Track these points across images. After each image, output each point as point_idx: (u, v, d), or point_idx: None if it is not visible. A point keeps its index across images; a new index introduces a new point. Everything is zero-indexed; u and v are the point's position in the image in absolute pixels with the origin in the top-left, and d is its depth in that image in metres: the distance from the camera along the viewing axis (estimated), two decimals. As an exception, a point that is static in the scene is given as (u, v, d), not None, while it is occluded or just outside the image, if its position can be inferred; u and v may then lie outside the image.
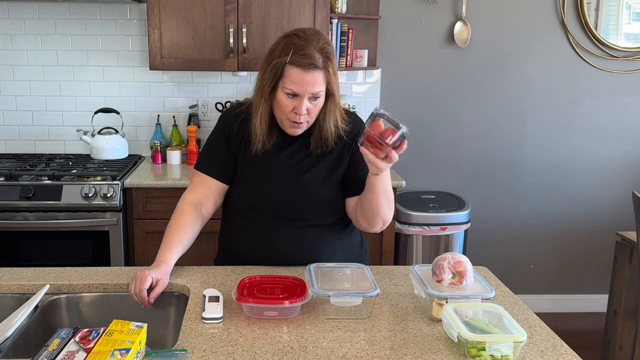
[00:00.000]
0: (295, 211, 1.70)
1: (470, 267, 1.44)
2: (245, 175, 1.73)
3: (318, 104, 1.63)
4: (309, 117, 1.63)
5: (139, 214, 2.84)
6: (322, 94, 1.62)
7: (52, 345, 1.14)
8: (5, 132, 3.34)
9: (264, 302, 1.39)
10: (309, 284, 1.43)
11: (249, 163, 1.72)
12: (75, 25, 3.24)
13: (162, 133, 3.31)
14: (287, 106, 1.61)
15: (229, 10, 2.95)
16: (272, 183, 1.70)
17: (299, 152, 1.72)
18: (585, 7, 3.36)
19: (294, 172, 1.71)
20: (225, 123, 1.77)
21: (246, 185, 1.73)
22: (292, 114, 1.62)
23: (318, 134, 1.70)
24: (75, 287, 1.58)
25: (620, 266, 2.72)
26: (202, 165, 1.76)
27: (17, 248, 2.77)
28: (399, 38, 3.39)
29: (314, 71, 1.57)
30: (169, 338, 1.56)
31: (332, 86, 1.63)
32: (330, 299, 1.38)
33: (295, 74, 1.58)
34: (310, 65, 1.56)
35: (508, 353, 1.21)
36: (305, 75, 1.57)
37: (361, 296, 1.40)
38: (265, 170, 1.71)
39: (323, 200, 1.71)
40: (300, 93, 1.59)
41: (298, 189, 1.70)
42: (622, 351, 2.71)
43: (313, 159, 1.72)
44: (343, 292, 1.42)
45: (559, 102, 3.51)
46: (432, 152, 3.53)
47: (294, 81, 1.58)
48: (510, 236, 3.64)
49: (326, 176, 1.72)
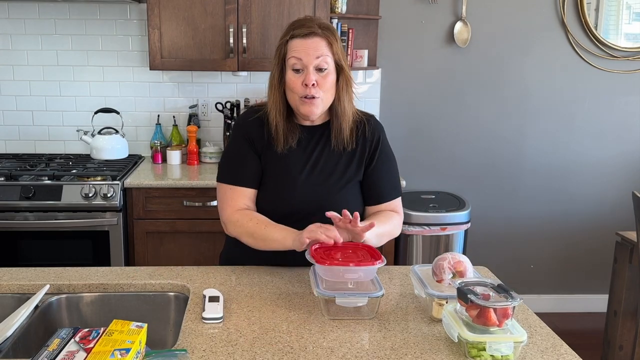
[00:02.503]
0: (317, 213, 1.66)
1: (470, 267, 1.44)
2: (270, 177, 1.71)
3: (327, 77, 1.62)
4: (321, 91, 1.62)
5: (139, 214, 2.84)
6: (328, 65, 1.62)
7: (52, 345, 1.14)
8: (5, 132, 3.35)
9: (344, 264, 1.42)
10: (314, 284, 1.43)
11: (274, 165, 1.71)
12: (75, 25, 3.24)
13: (162, 133, 3.31)
14: (295, 83, 1.61)
15: (229, 10, 2.95)
16: (297, 186, 1.69)
17: (322, 151, 1.71)
18: (585, 7, 3.36)
19: (317, 174, 1.70)
20: (244, 129, 1.74)
21: (271, 188, 1.71)
22: (302, 88, 1.61)
23: (335, 122, 1.69)
24: (75, 287, 1.58)
25: (620, 266, 2.72)
26: (233, 178, 1.71)
27: (17, 248, 2.77)
28: (399, 38, 3.39)
29: (313, 37, 1.60)
30: (169, 338, 1.56)
31: (339, 59, 1.63)
32: (335, 299, 1.38)
33: (296, 44, 1.61)
34: (309, 32, 1.60)
35: (508, 353, 1.21)
36: (305, 42, 1.60)
37: (366, 296, 1.39)
38: (289, 171, 1.70)
39: (345, 203, 1.68)
40: (304, 60, 1.59)
41: (322, 193, 1.69)
42: (622, 351, 2.71)
43: (335, 162, 1.71)
44: (348, 293, 1.41)
45: (559, 102, 3.51)
46: (432, 152, 3.53)
47: (295, 50, 1.60)
48: (510, 236, 3.64)
49: (348, 179, 1.72)
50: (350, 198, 1.73)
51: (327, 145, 1.72)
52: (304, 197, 1.68)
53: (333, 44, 1.62)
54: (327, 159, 1.71)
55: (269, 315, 1.41)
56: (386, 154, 1.77)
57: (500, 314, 1.21)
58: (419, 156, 3.52)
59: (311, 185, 1.69)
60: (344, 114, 1.68)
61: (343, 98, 1.67)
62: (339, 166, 1.72)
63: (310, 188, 1.69)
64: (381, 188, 1.75)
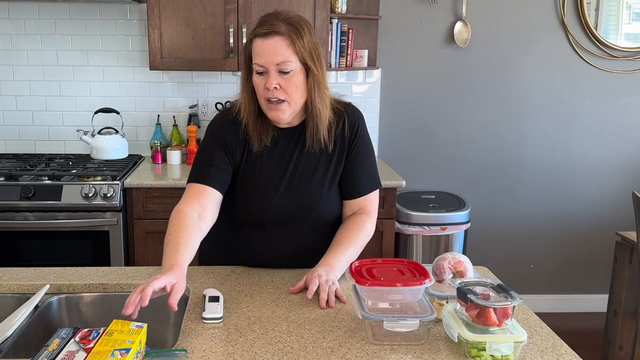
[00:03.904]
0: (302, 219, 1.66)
1: (470, 267, 1.44)
2: (248, 181, 1.65)
3: (292, 78, 1.52)
4: (286, 94, 1.53)
5: (139, 214, 2.84)
6: (291, 66, 1.51)
7: (52, 345, 1.14)
8: (5, 132, 3.35)
9: (387, 285, 1.30)
10: (357, 306, 1.31)
11: (251, 167, 1.64)
12: (75, 25, 3.24)
13: (162, 133, 3.31)
14: (259, 85, 1.53)
15: (229, 10, 2.95)
16: (277, 191, 1.63)
17: (302, 153, 1.64)
18: (585, 7, 3.36)
19: (298, 178, 1.64)
20: (217, 131, 1.67)
21: (249, 194, 1.65)
22: (265, 91, 1.53)
23: (311, 122, 1.61)
24: (75, 287, 1.58)
25: (620, 266, 2.72)
26: (195, 177, 1.62)
27: (17, 248, 2.77)
28: (399, 38, 3.39)
29: (273, 37, 1.49)
30: (169, 338, 1.56)
31: (304, 58, 1.52)
32: (383, 322, 1.26)
33: (257, 45, 1.52)
34: (270, 31, 1.49)
35: (508, 353, 1.21)
36: (265, 43, 1.50)
37: (417, 319, 1.27)
38: (268, 175, 1.64)
39: (327, 205, 1.68)
40: (264, 64, 1.50)
41: (304, 199, 1.64)
42: (622, 351, 2.71)
43: (316, 164, 1.65)
44: (398, 316, 1.28)
45: (559, 102, 3.51)
46: (432, 152, 3.53)
47: (256, 53, 1.52)
48: (510, 236, 3.64)
49: (330, 182, 1.67)
50: (332, 201, 1.69)
51: (306, 146, 1.64)
52: (283, 203, 1.63)
53: (296, 43, 1.50)
54: (307, 161, 1.65)
55: (269, 315, 1.41)
56: (365, 145, 1.69)
57: (500, 314, 1.21)
58: (419, 156, 3.52)
59: (292, 190, 1.64)
60: (318, 114, 1.58)
61: (314, 98, 1.56)
62: (320, 168, 1.65)
63: (290, 193, 1.64)
64: (358, 182, 1.69)
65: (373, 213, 1.73)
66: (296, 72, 1.53)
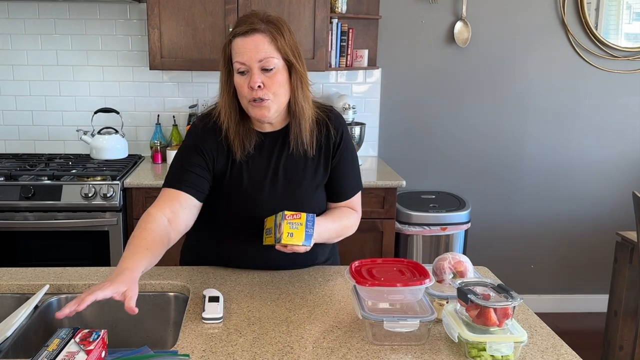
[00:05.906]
0: None
1: (470, 267, 1.44)
2: (232, 188, 1.62)
3: (275, 77, 1.51)
4: (269, 92, 1.51)
5: (138, 214, 2.84)
6: (274, 62, 1.50)
7: (52, 345, 1.14)
8: (5, 132, 3.34)
9: (387, 285, 1.29)
10: (357, 306, 1.31)
11: (235, 174, 1.61)
12: (75, 25, 3.24)
13: (162, 133, 3.31)
14: (242, 86, 1.51)
15: (229, 10, 2.95)
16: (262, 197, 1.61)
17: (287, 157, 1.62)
18: (585, 6, 3.36)
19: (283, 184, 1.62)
20: (195, 136, 1.62)
21: (234, 200, 1.62)
22: (249, 91, 1.51)
23: (294, 122, 1.60)
24: (75, 287, 1.58)
25: (620, 266, 2.72)
26: (169, 182, 1.57)
27: (17, 248, 2.77)
28: (399, 38, 3.39)
29: (254, 34, 1.48)
30: (169, 338, 1.56)
31: (287, 55, 1.51)
32: (383, 322, 1.26)
33: (237, 44, 1.51)
34: (250, 29, 1.48)
35: (508, 353, 1.21)
36: (246, 41, 1.49)
37: (418, 319, 1.26)
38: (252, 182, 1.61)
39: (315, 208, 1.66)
40: (246, 62, 1.49)
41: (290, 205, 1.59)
42: (622, 351, 2.71)
43: (301, 168, 1.63)
44: (398, 316, 1.28)
45: (559, 102, 3.51)
46: (432, 152, 3.53)
47: (237, 52, 1.50)
48: (510, 236, 3.64)
49: (317, 186, 1.67)
50: (319, 203, 1.69)
51: (290, 149, 1.63)
52: (269, 208, 1.59)
53: (278, 40, 1.49)
54: (292, 165, 1.63)
55: (269, 315, 1.41)
56: (349, 150, 1.69)
57: (501, 314, 1.21)
58: (419, 156, 3.51)
59: (277, 195, 1.62)
60: (302, 113, 1.57)
61: (298, 96, 1.55)
62: (306, 172, 1.64)
63: (276, 199, 1.61)
64: (343, 187, 1.70)
65: (358, 211, 1.77)
66: (279, 69, 1.52)
